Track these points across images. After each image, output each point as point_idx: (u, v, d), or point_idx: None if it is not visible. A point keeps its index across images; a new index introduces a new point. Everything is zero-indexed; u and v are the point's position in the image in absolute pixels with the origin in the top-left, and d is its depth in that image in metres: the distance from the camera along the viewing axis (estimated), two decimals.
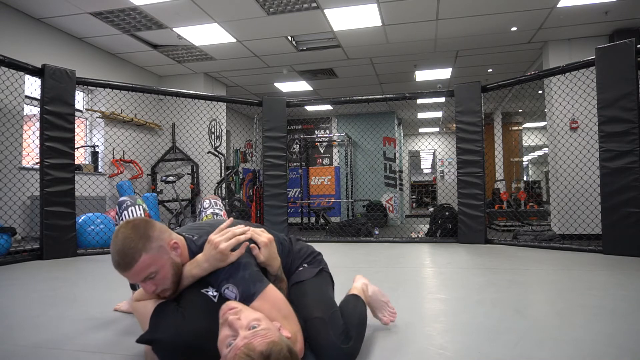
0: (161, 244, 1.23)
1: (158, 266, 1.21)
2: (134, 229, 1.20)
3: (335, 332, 1.27)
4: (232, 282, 1.23)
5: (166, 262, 1.22)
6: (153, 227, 1.24)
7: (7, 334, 1.68)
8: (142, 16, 4.94)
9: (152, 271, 1.20)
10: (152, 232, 1.22)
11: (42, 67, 3.87)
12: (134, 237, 1.18)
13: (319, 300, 1.36)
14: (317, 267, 1.52)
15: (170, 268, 1.23)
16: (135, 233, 1.19)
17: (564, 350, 1.40)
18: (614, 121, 3.60)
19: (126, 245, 1.17)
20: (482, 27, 5.43)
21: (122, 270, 1.19)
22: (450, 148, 11.50)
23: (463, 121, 4.64)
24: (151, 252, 1.19)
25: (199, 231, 1.38)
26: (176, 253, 1.27)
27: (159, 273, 1.21)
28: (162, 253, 1.22)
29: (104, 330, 1.69)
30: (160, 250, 1.22)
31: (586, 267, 3.03)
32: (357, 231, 5.74)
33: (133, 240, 1.18)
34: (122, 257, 1.17)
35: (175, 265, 1.25)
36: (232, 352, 0.99)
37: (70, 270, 3.24)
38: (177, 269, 1.25)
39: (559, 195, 5.18)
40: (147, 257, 1.19)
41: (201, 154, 6.91)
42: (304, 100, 5.52)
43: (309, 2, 4.67)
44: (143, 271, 1.19)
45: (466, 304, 2.06)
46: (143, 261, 1.18)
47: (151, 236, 1.21)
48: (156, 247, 1.21)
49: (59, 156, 3.89)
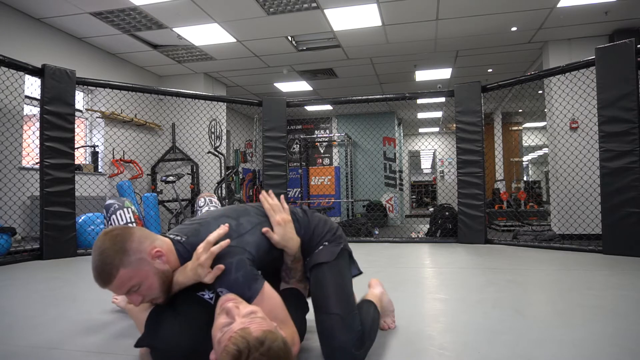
0: (140, 256, 1.17)
1: (140, 278, 1.16)
2: (111, 242, 1.16)
3: (350, 336, 1.20)
4: (225, 286, 1.17)
5: (149, 273, 1.17)
6: (131, 239, 1.18)
7: (7, 334, 1.68)
8: (142, 16, 4.94)
9: (134, 284, 1.16)
10: (130, 245, 1.17)
11: (42, 67, 3.86)
12: (110, 252, 1.14)
13: (339, 295, 1.28)
14: (337, 245, 1.41)
15: (156, 278, 1.19)
16: (112, 246, 1.15)
17: (564, 350, 1.40)
18: (614, 121, 3.60)
19: (103, 261, 1.14)
20: (482, 27, 5.43)
21: (102, 285, 1.16)
22: (450, 148, 11.50)
23: (463, 121, 4.64)
24: (129, 266, 1.15)
25: (187, 229, 1.31)
26: (161, 261, 1.21)
27: (143, 284, 1.17)
28: (142, 265, 1.17)
29: (103, 331, 1.69)
30: (140, 263, 1.16)
31: (586, 267, 3.03)
32: (357, 231, 5.74)
33: (109, 256, 1.14)
34: (99, 273, 1.14)
35: (161, 273, 1.20)
36: (227, 335, 0.98)
37: (70, 270, 3.24)
38: (164, 277, 1.20)
39: (559, 195, 5.17)
40: (126, 272, 1.14)
41: (201, 154, 6.91)
42: (304, 100, 5.52)
43: (309, 2, 4.67)
44: (124, 285, 1.15)
45: (466, 304, 2.05)
46: (121, 276, 1.14)
47: (128, 249, 1.16)
48: (135, 261, 1.16)
49: (59, 156, 3.89)
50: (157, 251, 1.20)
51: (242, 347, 0.93)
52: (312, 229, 1.43)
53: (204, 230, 1.26)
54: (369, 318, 1.36)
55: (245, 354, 0.93)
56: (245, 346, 0.93)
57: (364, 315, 1.34)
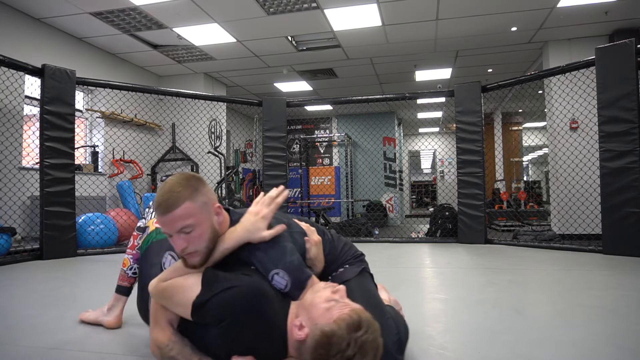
0: (207, 201, 1.20)
1: (197, 220, 1.16)
2: (186, 179, 1.19)
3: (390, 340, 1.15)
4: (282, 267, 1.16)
5: (206, 220, 1.18)
6: (204, 184, 1.23)
7: (7, 334, 1.68)
8: (142, 16, 4.94)
9: (190, 224, 1.15)
10: (202, 188, 1.20)
11: (42, 67, 3.86)
12: (184, 184, 1.17)
13: (369, 302, 1.24)
14: (359, 266, 1.43)
15: (209, 229, 1.19)
16: (186, 182, 1.18)
17: (564, 350, 1.40)
18: (614, 121, 3.60)
19: (173, 189, 1.16)
20: (482, 27, 5.43)
21: (162, 213, 1.15)
22: (450, 148, 11.50)
23: (463, 121, 4.64)
24: (195, 202, 1.17)
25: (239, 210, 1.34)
26: (218, 219, 1.23)
27: (196, 229, 1.16)
28: (205, 210, 1.19)
29: (103, 331, 1.69)
30: (204, 207, 1.18)
31: (586, 267, 3.03)
32: (357, 231, 5.74)
33: (182, 186, 1.16)
34: (166, 199, 1.14)
35: (214, 229, 1.21)
36: (338, 309, 1.04)
37: (70, 270, 3.24)
38: (215, 233, 1.21)
39: (559, 195, 5.17)
40: (190, 206, 1.15)
41: (201, 154, 6.91)
42: (304, 100, 5.52)
43: (309, 2, 4.67)
44: (181, 219, 1.15)
45: (466, 304, 2.05)
46: (184, 208, 1.14)
47: (200, 190, 1.19)
48: (201, 201, 1.18)
49: (59, 156, 3.89)
50: (219, 206, 1.24)
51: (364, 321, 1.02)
52: (339, 251, 1.45)
53: None
54: (401, 321, 1.33)
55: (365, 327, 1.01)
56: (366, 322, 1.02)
57: (396, 320, 1.31)
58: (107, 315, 1.73)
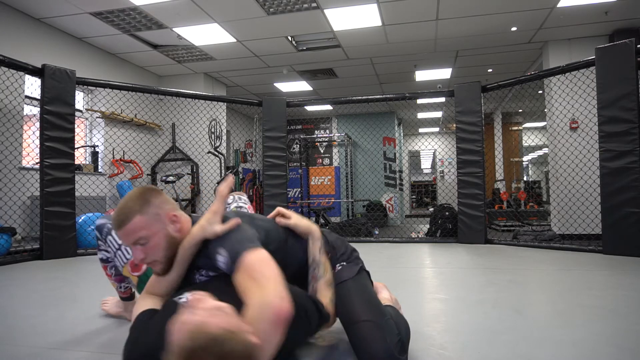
0: (159, 212, 1.23)
1: (150, 232, 1.20)
2: (139, 191, 1.24)
3: (391, 339, 1.13)
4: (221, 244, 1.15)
5: (159, 231, 1.21)
6: (157, 196, 1.26)
7: (6, 334, 1.68)
8: (142, 16, 4.94)
9: (142, 236, 1.19)
10: (154, 200, 1.24)
11: (42, 67, 3.86)
12: (135, 198, 1.22)
13: (367, 302, 1.23)
14: (356, 265, 1.41)
15: (164, 239, 1.22)
16: (138, 196, 1.23)
17: (564, 350, 1.40)
18: (614, 121, 3.60)
19: (126, 205, 1.21)
20: (482, 27, 5.43)
21: (116, 228, 1.20)
22: (450, 148, 11.50)
23: (463, 121, 4.64)
24: (146, 215, 1.20)
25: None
26: (174, 227, 1.25)
27: (151, 240, 1.20)
28: (157, 221, 1.22)
29: (104, 331, 1.69)
30: (155, 218, 1.22)
31: (586, 267, 3.03)
32: (357, 231, 5.74)
33: (133, 200, 1.21)
34: (118, 215, 1.20)
35: (170, 238, 1.23)
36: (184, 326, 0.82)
37: (70, 270, 3.24)
38: (171, 242, 1.23)
39: (559, 195, 5.17)
40: (140, 219, 1.19)
41: (201, 154, 6.91)
42: (304, 100, 5.52)
43: (309, 2, 4.67)
44: (134, 233, 1.19)
45: (466, 304, 2.05)
46: (135, 222, 1.18)
47: (151, 202, 1.22)
48: (152, 213, 1.21)
49: (59, 156, 3.89)
50: (174, 215, 1.26)
51: (196, 343, 0.78)
52: (332, 243, 1.45)
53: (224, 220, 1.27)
54: (401, 321, 1.31)
55: (198, 353, 0.78)
56: (200, 343, 0.78)
57: (397, 320, 1.28)
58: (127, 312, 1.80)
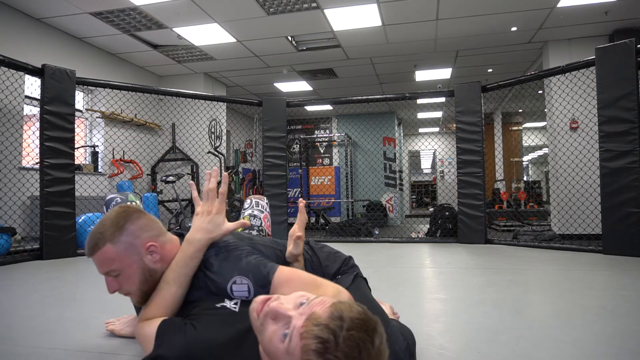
0: (133, 241, 1.09)
1: (121, 265, 1.08)
2: (115, 214, 1.10)
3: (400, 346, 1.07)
4: (238, 272, 1.05)
5: (132, 263, 1.08)
6: (134, 221, 1.10)
7: (6, 334, 1.68)
8: (142, 16, 4.94)
9: (113, 269, 1.08)
10: (129, 226, 1.09)
11: (42, 67, 3.86)
12: (108, 224, 1.08)
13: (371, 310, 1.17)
14: (351, 274, 1.35)
15: (138, 272, 1.09)
16: (113, 219, 1.09)
17: (564, 350, 1.40)
18: (614, 121, 3.60)
19: (99, 229, 1.08)
20: (482, 27, 5.43)
21: (87, 253, 1.09)
22: (450, 148, 11.50)
23: (463, 121, 4.64)
24: (117, 245, 1.07)
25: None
26: (152, 258, 1.11)
27: (123, 273, 1.08)
28: (130, 252, 1.08)
29: (104, 331, 1.69)
30: (128, 249, 1.08)
31: (586, 267, 3.03)
32: (357, 231, 5.74)
33: (106, 225, 1.08)
34: (89, 240, 1.08)
35: (147, 270, 1.10)
36: (296, 336, 0.77)
37: (70, 270, 3.24)
38: (147, 275, 1.10)
39: (559, 195, 5.17)
40: (110, 250, 1.07)
41: (201, 154, 6.91)
42: (304, 100, 5.52)
43: (309, 2, 4.67)
44: (103, 264, 1.08)
45: (466, 304, 2.05)
46: (105, 251, 1.07)
47: (125, 229, 1.08)
48: (124, 243, 1.08)
49: (59, 156, 3.89)
50: (151, 245, 1.10)
51: (324, 334, 0.74)
52: (323, 268, 1.35)
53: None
54: (406, 330, 1.29)
55: (332, 340, 0.74)
56: (327, 332, 0.74)
57: (401, 329, 1.25)
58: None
